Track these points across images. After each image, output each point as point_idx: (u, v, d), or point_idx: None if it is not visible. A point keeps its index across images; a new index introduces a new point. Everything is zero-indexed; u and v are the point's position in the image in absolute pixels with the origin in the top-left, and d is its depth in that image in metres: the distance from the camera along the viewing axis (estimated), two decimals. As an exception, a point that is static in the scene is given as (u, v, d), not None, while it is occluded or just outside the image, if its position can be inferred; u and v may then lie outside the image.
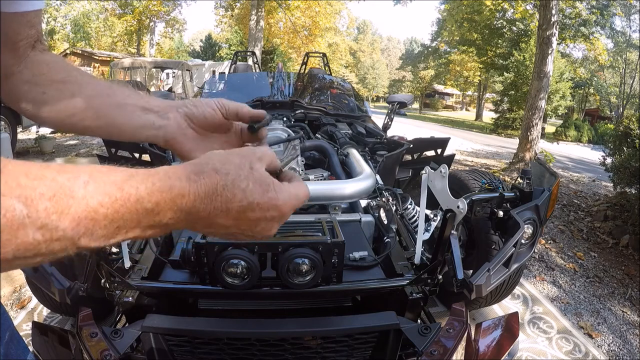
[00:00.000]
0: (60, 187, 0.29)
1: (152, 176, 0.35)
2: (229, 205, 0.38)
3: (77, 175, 0.30)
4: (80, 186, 0.30)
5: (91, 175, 0.31)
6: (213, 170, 0.38)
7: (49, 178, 0.29)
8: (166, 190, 0.34)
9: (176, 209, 0.35)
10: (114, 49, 23.86)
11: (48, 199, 0.28)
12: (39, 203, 0.28)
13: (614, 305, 2.50)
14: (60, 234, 0.29)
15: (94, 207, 0.30)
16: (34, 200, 0.28)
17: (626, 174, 3.56)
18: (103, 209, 0.31)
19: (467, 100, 42.53)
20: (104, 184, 0.31)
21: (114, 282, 1.11)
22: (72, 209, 0.29)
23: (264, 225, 0.41)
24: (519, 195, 1.25)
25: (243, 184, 0.38)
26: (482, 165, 7.31)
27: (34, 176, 0.28)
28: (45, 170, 0.29)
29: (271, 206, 0.40)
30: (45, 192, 0.28)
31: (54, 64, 0.59)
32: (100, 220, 0.31)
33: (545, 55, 6.17)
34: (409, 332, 1.01)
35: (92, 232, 0.31)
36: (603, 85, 22.42)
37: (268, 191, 0.40)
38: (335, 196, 1.33)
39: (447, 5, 21.51)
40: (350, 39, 41.17)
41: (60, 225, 0.29)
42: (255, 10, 14.10)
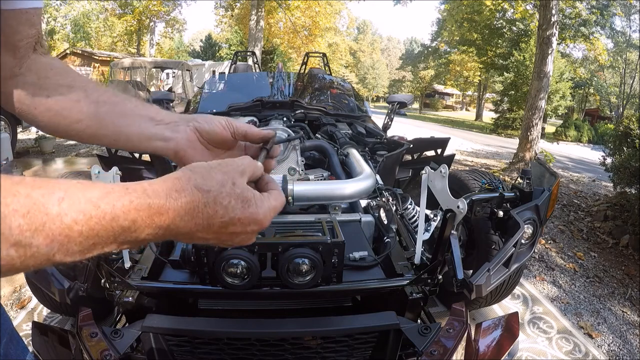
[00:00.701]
0: (34, 203, 0.29)
1: (130, 194, 0.34)
2: (210, 222, 0.38)
3: (51, 192, 0.30)
4: (54, 203, 0.30)
5: (66, 192, 0.31)
6: (195, 187, 0.38)
7: (23, 194, 0.29)
8: (144, 208, 0.34)
9: (154, 226, 0.35)
10: (114, 49, 23.86)
11: (22, 216, 0.28)
12: (12, 220, 0.27)
13: (614, 305, 2.50)
14: (34, 250, 0.29)
15: (68, 224, 0.30)
16: (7, 217, 0.27)
17: (626, 174, 3.56)
18: (77, 226, 0.31)
19: (467, 100, 42.53)
20: (79, 201, 0.31)
21: (114, 282, 1.11)
22: (46, 225, 0.29)
23: (243, 237, 0.42)
24: (519, 195, 1.25)
25: (225, 200, 0.39)
26: (482, 165, 7.31)
27: (7, 192, 0.28)
28: (19, 185, 0.29)
29: (252, 220, 0.41)
30: (19, 209, 0.28)
31: (58, 68, 0.58)
32: (75, 237, 0.31)
33: (545, 55, 6.17)
34: (409, 332, 1.01)
35: (66, 248, 0.31)
36: (603, 85, 22.41)
37: (249, 206, 0.40)
38: (335, 196, 1.33)
39: (447, 5, 21.51)
40: (350, 39, 41.17)
41: (34, 242, 0.29)
42: (255, 10, 14.10)
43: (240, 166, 0.43)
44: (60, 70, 0.58)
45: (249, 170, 0.43)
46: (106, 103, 0.57)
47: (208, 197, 0.38)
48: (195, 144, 0.58)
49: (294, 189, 1.23)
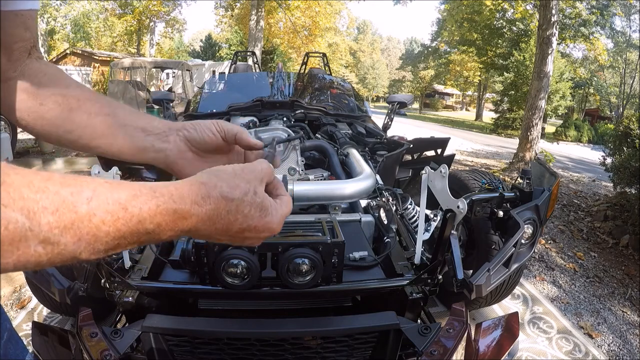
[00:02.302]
0: (63, 201, 0.29)
1: (157, 198, 0.35)
2: (229, 227, 0.40)
3: (80, 190, 0.30)
4: (83, 202, 0.30)
5: (95, 191, 0.31)
6: (220, 195, 0.38)
7: (52, 191, 0.29)
8: (170, 213, 0.35)
9: (177, 229, 0.36)
10: (114, 49, 23.86)
11: (51, 213, 0.28)
12: (41, 217, 0.28)
13: (614, 305, 2.50)
14: (62, 248, 0.29)
15: (97, 224, 0.30)
16: (37, 214, 0.27)
17: (626, 174, 3.56)
18: (105, 226, 0.31)
19: (467, 100, 42.53)
20: (108, 202, 0.31)
21: (114, 282, 1.11)
22: (75, 224, 0.29)
23: (254, 240, 0.44)
24: (519, 195, 1.25)
25: (246, 209, 0.40)
26: (482, 165, 7.31)
27: (36, 188, 0.28)
28: (48, 182, 0.29)
29: (266, 228, 0.43)
30: (48, 206, 0.28)
31: (52, 75, 0.58)
32: (102, 237, 0.31)
33: (545, 55, 6.17)
34: (409, 332, 1.01)
35: (93, 247, 0.31)
36: (603, 85, 22.41)
37: (266, 215, 0.42)
38: (335, 196, 1.33)
39: (447, 5, 21.50)
40: (350, 39, 41.16)
41: (62, 240, 0.29)
42: (255, 10, 14.10)
43: (260, 173, 0.44)
44: (54, 77, 0.58)
45: (267, 177, 0.45)
46: (99, 114, 0.57)
47: (231, 205, 0.39)
48: (186, 154, 0.58)
49: (294, 189, 1.23)
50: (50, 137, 0.57)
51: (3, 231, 0.26)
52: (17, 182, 0.27)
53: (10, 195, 0.26)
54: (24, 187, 0.28)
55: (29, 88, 0.55)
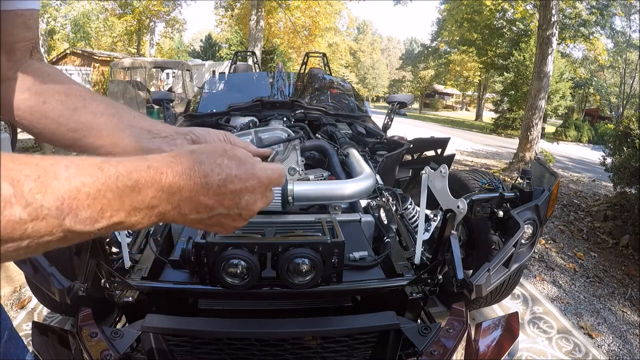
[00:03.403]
0: (44, 170, 0.31)
1: (130, 158, 0.36)
2: (207, 180, 0.39)
3: (58, 162, 0.32)
4: (62, 169, 0.32)
5: (72, 161, 0.33)
6: (188, 152, 0.40)
7: (33, 163, 0.30)
8: (144, 168, 0.36)
9: (157, 186, 0.36)
10: (114, 49, 23.85)
11: (33, 180, 0.30)
12: (24, 183, 0.29)
13: (614, 305, 2.50)
14: (45, 213, 0.30)
15: (77, 186, 0.32)
16: (20, 181, 0.29)
17: (626, 174, 3.56)
18: (85, 188, 0.32)
19: (467, 100, 42.52)
20: (85, 166, 0.33)
21: (114, 282, 1.11)
22: (56, 189, 0.31)
23: (247, 198, 0.42)
24: (519, 195, 1.25)
25: (219, 159, 0.41)
26: (482, 165, 7.32)
27: (19, 161, 0.30)
28: (29, 157, 0.31)
29: (249, 175, 0.42)
30: (30, 174, 0.30)
31: (54, 75, 0.58)
32: (83, 199, 0.32)
33: (545, 55, 6.17)
34: (409, 332, 1.01)
35: (76, 212, 0.32)
36: (603, 85, 22.40)
37: (244, 164, 0.42)
38: (335, 196, 1.33)
39: (447, 5, 21.50)
40: (350, 39, 41.15)
41: (44, 204, 0.30)
42: (255, 10, 14.10)
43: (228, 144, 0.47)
44: (56, 77, 0.58)
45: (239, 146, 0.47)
46: (103, 114, 0.56)
47: (201, 157, 0.40)
48: None
49: (294, 189, 1.23)
50: (52, 136, 0.56)
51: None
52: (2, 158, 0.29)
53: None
54: (7, 160, 0.29)
55: (31, 87, 0.55)
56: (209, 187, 0.39)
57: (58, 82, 0.57)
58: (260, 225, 1.21)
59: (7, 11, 0.50)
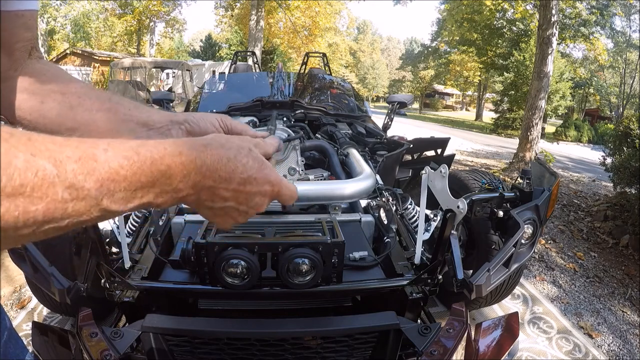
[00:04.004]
0: (84, 151, 0.32)
1: (163, 143, 0.38)
2: (231, 176, 0.42)
3: (97, 143, 0.34)
4: (101, 152, 0.33)
5: (109, 144, 0.34)
6: (219, 145, 0.42)
7: (73, 145, 0.32)
8: (176, 155, 0.38)
9: (185, 173, 0.38)
10: (114, 49, 23.86)
11: (74, 162, 0.31)
12: (67, 164, 0.31)
13: (614, 305, 2.50)
14: (86, 194, 0.32)
15: (115, 168, 0.33)
16: (63, 162, 0.30)
17: (626, 174, 3.56)
18: (123, 170, 0.34)
19: (467, 100, 42.51)
20: (122, 149, 0.35)
21: (114, 282, 1.11)
22: (97, 170, 0.32)
23: (257, 200, 0.46)
24: (519, 195, 1.25)
25: (244, 159, 0.44)
26: (482, 165, 7.32)
27: (59, 143, 0.31)
28: (68, 140, 0.33)
29: (266, 181, 0.46)
30: (72, 156, 0.31)
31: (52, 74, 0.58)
32: (120, 181, 0.34)
33: (545, 55, 6.17)
34: (409, 332, 1.01)
35: (113, 193, 0.33)
36: (603, 85, 22.40)
37: (264, 168, 0.46)
38: (335, 196, 1.33)
39: (447, 5, 21.50)
40: (350, 39, 41.14)
41: (85, 185, 0.31)
42: (255, 10, 14.10)
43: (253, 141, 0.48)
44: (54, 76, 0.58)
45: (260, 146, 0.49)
46: (99, 110, 0.57)
47: (230, 154, 0.43)
48: None
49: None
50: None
51: (33, 178, 0.28)
52: (42, 139, 0.31)
53: (37, 147, 0.29)
54: (49, 142, 0.31)
55: (30, 87, 0.56)
56: (231, 182, 0.42)
57: (54, 81, 0.57)
58: (260, 225, 1.21)
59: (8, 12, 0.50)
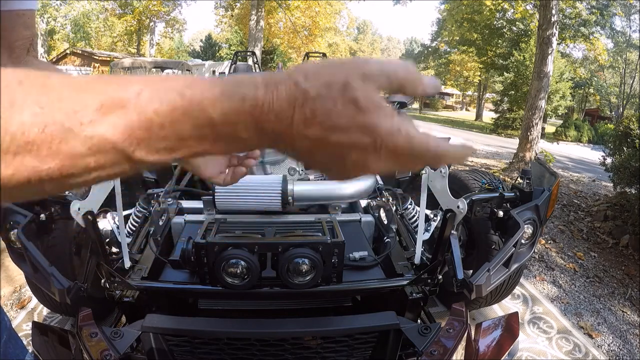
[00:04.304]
0: (108, 97, 0.27)
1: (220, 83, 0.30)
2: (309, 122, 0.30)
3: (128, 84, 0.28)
4: (132, 95, 0.27)
5: (146, 83, 0.28)
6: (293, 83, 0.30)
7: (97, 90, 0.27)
8: (236, 99, 0.29)
9: (248, 121, 0.30)
10: (114, 49, 23.86)
11: (95, 110, 0.26)
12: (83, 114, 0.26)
13: (614, 305, 2.50)
14: (110, 147, 0.27)
15: (149, 117, 0.27)
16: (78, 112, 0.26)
17: (626, 174, 3.56)
18: (159, 118, 0.27)
19: (467, 100, 42.52)
20: (161, 90, 0.28)
21: (114, 282, 1.11)
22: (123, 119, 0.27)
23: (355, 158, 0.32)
24: (519, 195, 1.25)
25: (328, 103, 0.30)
26: (482, 165, 7.32)
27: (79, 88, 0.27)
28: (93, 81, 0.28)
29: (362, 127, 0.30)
30: (91, 104, 0.26)
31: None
32: (156, 131, 0.28)
33: (545, 55, 6.17)
34: (409, 332, 1.01)
35: (147, 144, 0.28)
36: (603, 85, 22.40)
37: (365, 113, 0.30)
38: (335, 196, 1.33)
39: (447, 5, 21.49)
40: (350, 39, 41.15)
41: (108, 137, 0.26)
42: (255, 10, 14.10)
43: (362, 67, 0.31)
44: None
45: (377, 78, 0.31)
46: None
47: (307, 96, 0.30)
48: None
49: (294, 189, 1.23)
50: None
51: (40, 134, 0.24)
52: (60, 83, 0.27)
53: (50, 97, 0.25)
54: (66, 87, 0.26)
55: None
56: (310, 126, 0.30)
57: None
58: (260, 225, 1.21)
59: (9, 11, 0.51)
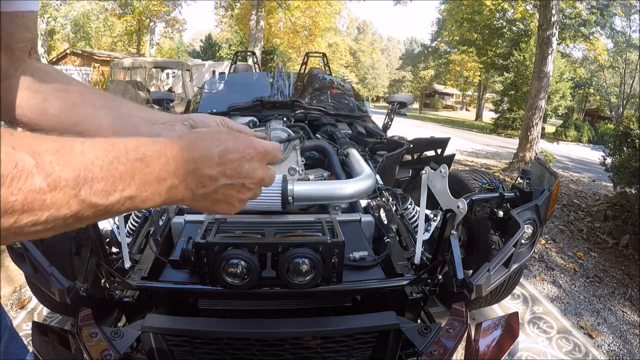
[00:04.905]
0: (62, 145, 0.33)
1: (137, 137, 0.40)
2: (209, 152, 0.42)
3: (73, 139, 0.35)
4: (77, 144, 0.35)
5: (87, 139, 0.36)
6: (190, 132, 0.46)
7: (52, 140, 0.34)
8: (150, 143, 0.39)
9: (163, 160, 0.39)
10: (114, 49, 23.87)
11: (52, 153, 0.32)
12: (44, 156, 0.32)
13: (614, 305, 2.50)
14: (63, 184, 0.32)
15: (91, 159, 0.34)
16: (41, 154, 0.32)
17: (626, 174, 3.56)
18: (99, 161, 0.35)
19: (467, 100, 42.51)
20: (97, 142, 0.36)
21: (114, 282, 1.11)
22: (73, 161, 0.33)
23: (247, 167, 0.45)
24: (519, 195, 1.25)
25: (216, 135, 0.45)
26: (482, 165, 7.31)
27: (40, 139, 0.33)
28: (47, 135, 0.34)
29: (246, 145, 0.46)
30: (50, 148, 0.32)
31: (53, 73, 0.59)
32: (97, 172, 0.34)
33: (545, 55, 6.17)
34: (409, 332, 1.01)
35: (91, 184, 0.34)
36: (603, 85, 22.39)
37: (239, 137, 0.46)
38: (335, 196, 1.33)
39: (447, 5, 21.48)
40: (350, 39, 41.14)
41: (62, 175, 0.32)
42: (255, 10, 14.10)
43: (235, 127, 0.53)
44: (55, 75, 0.59)
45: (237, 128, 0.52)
46: (103, 107, 0.58)
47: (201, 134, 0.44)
48: None
49: (294, 189, 1.23)
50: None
51: (13, 169, 0.29)
52: (24, 134, 0.32)
53: (18, 141, 0.31)
54: (29, 137, 0.32)
55: (32, 85, 0.56)
56: (211, 158, 0.42)
57: (57, 80, 0.58)
58: (260, 225, 1.21)
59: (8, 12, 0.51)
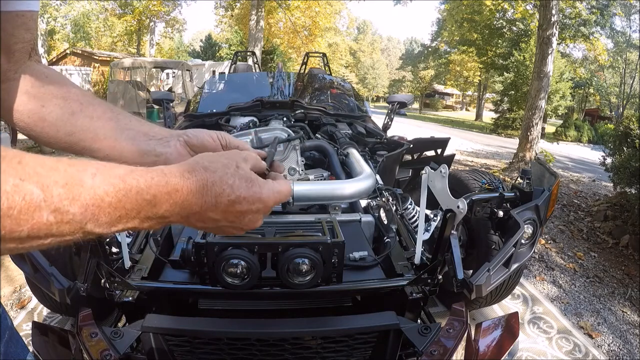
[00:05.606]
0: (71, 176, 0.33)
1: (150, 172, 0.39)
2: (218, 200, 0.42)
3: (85, 168, 0.35)
4: (89, 177, 0.34)
5: (98, 169, 0.35)
6: (203, 168, 0.42)
7: (62, 170, 0.33)
8: (162, 184, 0.39)
9: (171, 202, 0.39)
10: (114, 49, 23.86)
11: (61, 187, 0.32)
12: (53, 189, 0.31)
13: (614, 305, 2.50)
14: (70, 218, 0.33)
15: (101, 195, 0.34)
16: (49, 187, 0.31)
17: (626, 174, 3.56)
18: (108, 197, 0.35)
19: (467, 100, 42.51)
20: (109, 176, 0.36)
21: (114, 282, 1.11)
22: (82, 196, 0.33)
23: (250, 217, 0.46)
24: (519, 195, 1.25)
25: (230, 180, 0.43)
26: (482, 165, 7.31)
27: (48, 167, 0.32)
28: (58, 163, 0.34)
29: (256, 199, 0.45)
30: (59, 180, 0.32)
31: (53, 78, 0.58)
32: (105, 207, 0.35)
33: (545, 55, 6.17)
34: (409, 332, 1.01)
35: (97, 218, 0.34)
36: (603, 85, 22.38)
37: (253, 186, 0.45)
38: (336, 196, 1.32)
39: (447, 5, 21.50)
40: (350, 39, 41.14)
41: (70, 210, 0.32)
42: (255, 10, 14.10)
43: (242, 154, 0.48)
44: (54, 80, 0.58)
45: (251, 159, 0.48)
46: (100, 118, 0.57)
47: (215, 177, 0.42)
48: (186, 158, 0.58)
49: (294, 189, 1.22)
50: (49, 139, 0.57)
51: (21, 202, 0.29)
52: (33, 162, 0.32)
53: (27, 171, 0.31)
54: (38, 166, 0.32)
55: (30, 90, 0.55)
56: (218, 206, 0.42)
57: (56, 85, 0.57)
58: (260, 226, 1.20)
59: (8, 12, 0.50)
